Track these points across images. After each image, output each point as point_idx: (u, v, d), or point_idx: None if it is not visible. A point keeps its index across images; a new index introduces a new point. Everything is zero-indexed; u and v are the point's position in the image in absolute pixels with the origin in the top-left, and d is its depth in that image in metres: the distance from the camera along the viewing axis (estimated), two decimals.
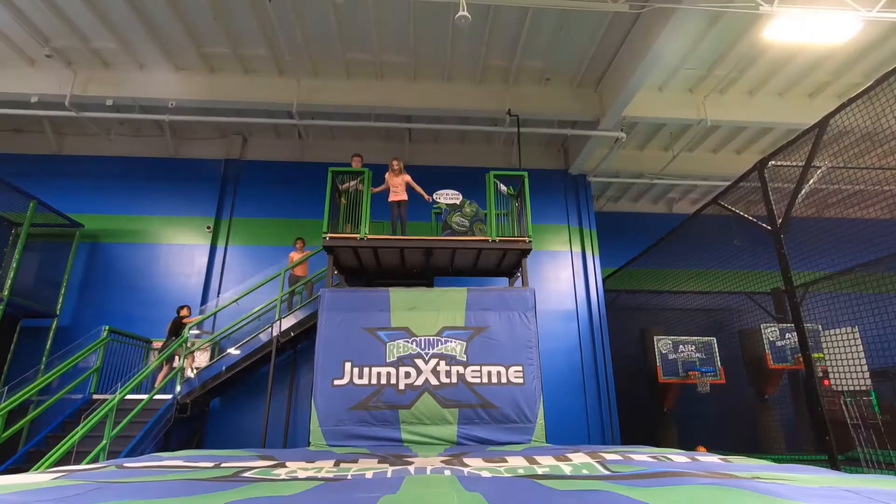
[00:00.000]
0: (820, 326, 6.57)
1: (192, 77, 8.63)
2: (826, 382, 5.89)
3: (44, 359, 8.00)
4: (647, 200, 12.72)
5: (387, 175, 7.18)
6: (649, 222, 12.10)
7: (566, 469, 2.76)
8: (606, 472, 2.56)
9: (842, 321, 5.55)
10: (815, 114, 5.19)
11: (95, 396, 7.06)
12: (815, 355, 5.28)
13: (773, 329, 8.47)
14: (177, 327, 7.75)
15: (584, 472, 2.61)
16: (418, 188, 7.12)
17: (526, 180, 6.75)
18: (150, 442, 6.54)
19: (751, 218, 5.87)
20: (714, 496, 1.71)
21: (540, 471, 2.67)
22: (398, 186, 7.11)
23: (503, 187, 6.98)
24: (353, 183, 6.83)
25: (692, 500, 1.66)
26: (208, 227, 9.48)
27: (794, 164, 5.43)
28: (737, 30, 7.61)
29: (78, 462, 5.38)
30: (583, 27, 7.67)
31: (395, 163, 7.20)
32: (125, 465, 3.03)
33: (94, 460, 5.37)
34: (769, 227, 5.42)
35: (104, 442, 5.62)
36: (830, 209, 6.43)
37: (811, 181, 5.15)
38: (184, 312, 7.93)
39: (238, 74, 8.69)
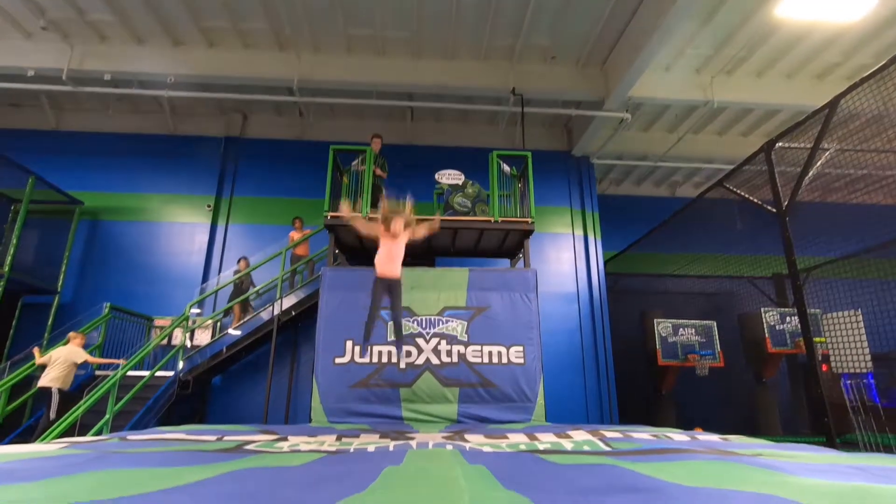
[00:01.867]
0: (820, 311, 6.59)
1: (190, 52, 8.47)
2: (824, 367, 5.92)
3: (46, 335, 8.02)
4: (650, 183, 12.62)
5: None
6: (652, 206, 12.03)
7: (567, 446, 2.77)
8: (608, 449, 2.56)
9: (843, 306, 5.55)
10: (824, 96, 5.10)
11: (98, 372, 7.11)
12: (816, 339, 5.29)
13: (773, 313, 8.48)
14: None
15: (586, 448, 2.61)
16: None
17: (529, 160, 6.68)
18: (153, 417, 6.60)
19: (756, 201, 5.82)
20: (717, 470, 1.70)
21: (541, 447, 2.68)
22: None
23: (506, 167, 6.91)
24: (355, 163, 6.76)
25: (695, 473, 1.65)
26: (209, 206, 9.42)
27: (801, 145, 5.36)
28: (748, 7, 7.43)
29: (81, 436, 5.43)
30: (590, 3, 7.49)
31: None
32: (128, 437, 3.04)
33: (98, 434, 5.42)
34: (774, 210, 5.36)
35: (107, 416, 5.67)
36: (835, 194, 6.39)
37: (819, 163, 5.08)
38: (241, 265, 8.25)
39: (238, 49, 8.52)
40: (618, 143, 10.15)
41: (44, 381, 5.75)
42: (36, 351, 5.99)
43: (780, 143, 5.55)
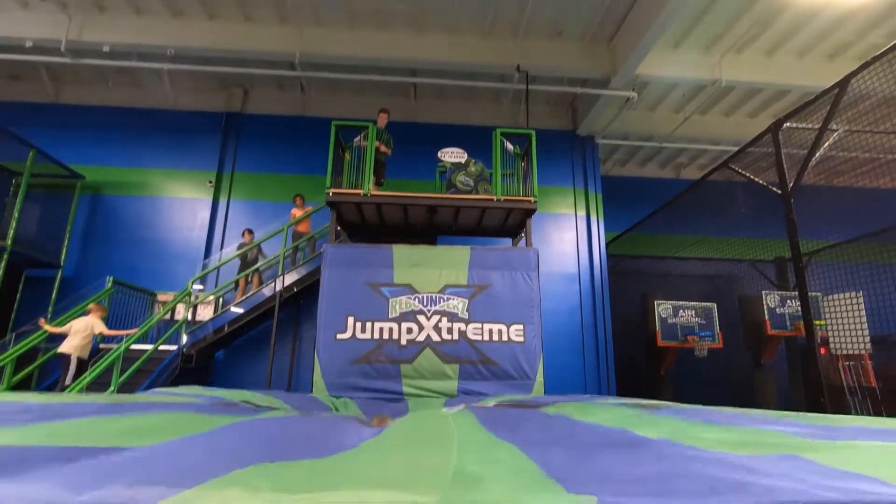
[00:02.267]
0: (820, 294, 6.60)
1: (190, 24, 8.32)
2: (822, 351, 5.95)
3: (50, 308, 8.10)
4: (654, 165, 12.51)
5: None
6: (656, 188, 11.95)
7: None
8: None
9: (844, 290, 5.55)
10: (835, 76, 5.00)
11: (101, 346, 7.18)
12: (816, 322, 5.31)
13: (773, 296, 8.50)
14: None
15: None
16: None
17: (533, 139, 6.61)
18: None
19: (761, 182, 5.77)
20: (716, 428, 1.72)
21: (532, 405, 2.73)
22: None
23: (510, 146, 6.84)
24: (357, 139, 6.69)
25: (689, 428, 1.67)
26: (210, 182, 9.39)
27: (810, 126, 5.28)
28: None
29: None
30: None
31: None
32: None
33: None
34: (779, 192, 5.32)
35: (111, 388, 5.76)
36: (841, 177, 6.32)
37: (827, 144, 5.01)
38: (246, 237, 8.32)
39: (238, 22, 8.37)
40: (623, 123, 10.02)
41: (64, 348, 6.02)
42: (42, 322, 6.17)
43: (788, 124, 5.48)
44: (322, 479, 0.95)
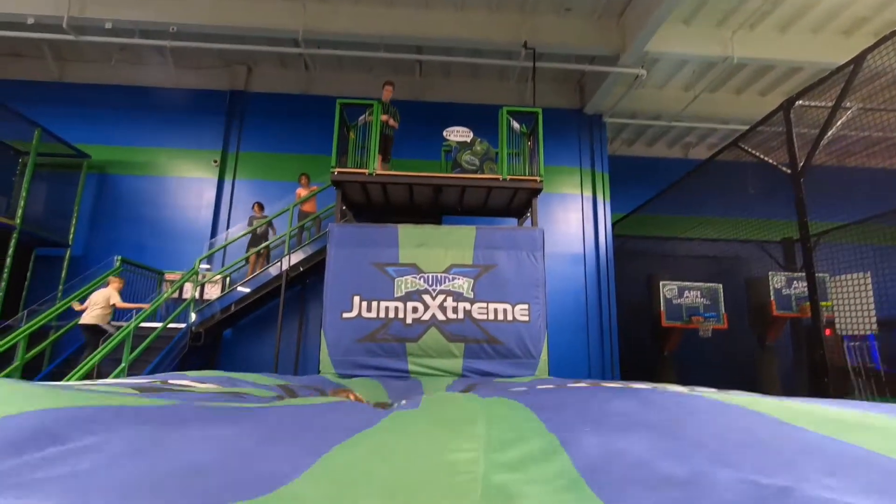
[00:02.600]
0: (827, 275, 6.58)
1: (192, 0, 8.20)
2: (828, 332, 5.96)
3: (60, 286, 8.19)
4: (662, 144, 12.35)
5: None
6: (663, 167, 11.81)
7: None
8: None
9: (852, 271, 5.52)
10: (849, 53, 4.88)
11: (112, 323, 7.28)
12: (822, 303, 5.30)
13: (780, 278, 8.48)
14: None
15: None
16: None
17: (540, 117, 6.53)
18: (167, 367, 6.81)
19: (771, 161, 5.69)
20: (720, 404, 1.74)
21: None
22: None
23: (516, 125, 6.77)
24: (362, 118, 6.64)
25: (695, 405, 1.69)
26: (215, 161, 9.37)
27: (822, 104, 5.18)
28: None
29: None
30: None
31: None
32: (168, 381, 3.13)
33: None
34: (789, 171, 5.25)
35: (122, 365, 5.86)
36: (853, 157, 6.23)
37: (840, 122, 4.92)
38: (256, 209, 8.39)
39: None
40: (631, 101, 9.86)
41: (84, 319, 6.41)
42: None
43: (801, 102, 5.37)
44: None
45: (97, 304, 6.47)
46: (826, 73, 5.10)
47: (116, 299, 6.62)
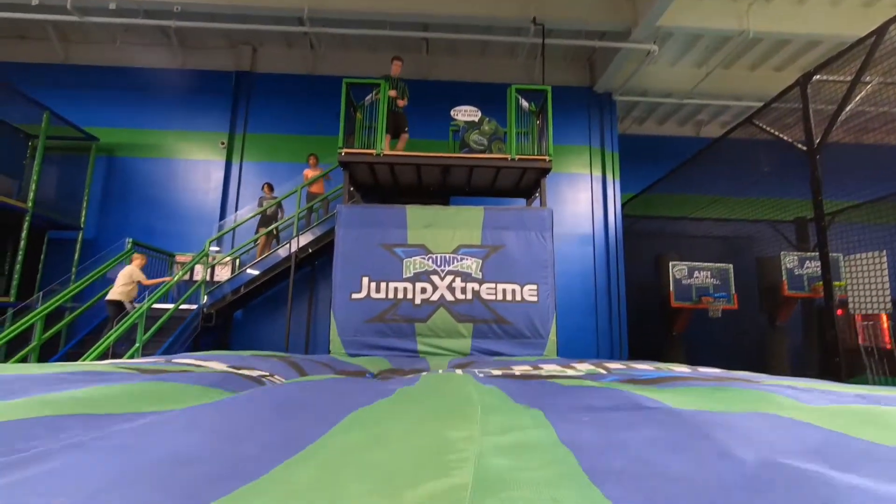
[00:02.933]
0: (841, 255, 6.48)
1: None
2: (839, 312, 5.89)
3: (73, 268, 8.31)
4: (673, 122, 12.13)
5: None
6: (674, 146, 11.62)
7: (570, 373, 2.85)
8: (611, 377, 2.62)
9: (865, 250, 5.43)
10: (869, 26, 4.71)
11: (135, 303, 7.38)
12: (835, 283, 5.23)
13: (792, 257, 8.39)
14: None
15: (589, 374, 2.69)
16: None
17: (549, 95, 6.42)
18: (180, 348, 6.93)
19: (786, 138, 5.57)
20: (720, 395, 1.73)
21: (546, 374, 2.76)
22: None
23: (525, 103, 6.66)
24: (369, 97, 6.57)
25: (699, 397, 1.68)
26: (222, 143, 9.36)
27: (841, 78, 5.03)
28: None
29: None
30: None
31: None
32: (173, 360, 3.19)
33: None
34: (805, 148, 5.13)
35: (137, 345, 5.96)
36: (871, 134, 6.07)
37: (859, 96, 4.78)
38: (266, 190, 8.41)
39: None
40: (643, 79, 9.67)
41: (110, 295, 6.63)
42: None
43: (819, 76, 5.22)
44: None
45: (120, 281, 6.69)
46: (845, 47, 4.95)
47: (140, 276, 6.80)
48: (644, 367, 3.17)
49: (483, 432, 0.94)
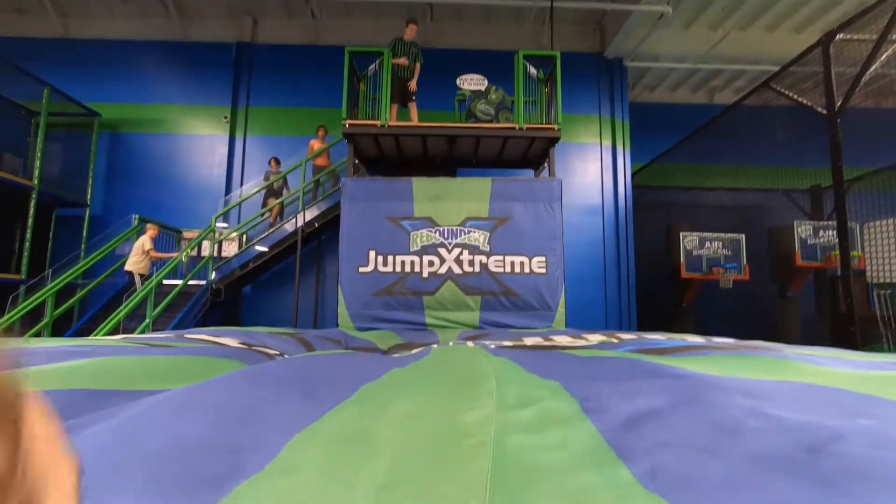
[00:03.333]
0: (857, 225, 6.33)
1: None
2: (856, 282, 5.79)
3: (82, 245, 8.34)
4: (686, 89, 11.77)
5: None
6: (686, 114, 11.29)
7: (582, 343, 2.81)
8: (625, 347, 2.58)
9: (885, 217, 5.29)
10: None
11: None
12: (852, 253, 5.12)
13: (806, 226, 8.24)
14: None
15: (602, 345, 2.64)
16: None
17: (558, 61, 6.20)
18: (190, 323, 6.99)
19: (805, 102, 5.36)
20: (744, 362, 1.67)
21: (559, 345, 2.72)
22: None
23: (533, 70, 6.46)
24: (372, 67, 6.38)
25: (721, 365, 1.63)
26: (225, 117, 9.24)
27: (866, 37, 4.79)
28: None
29: None
30: None
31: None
32: (185, 335, 3.18)
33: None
34: (825, 112, 4.94)
35: (147, 321, 6.01)
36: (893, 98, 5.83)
37: (884, 55, 4.56)
38: (272, 165, 8.33)
39: None
40: (655, 43, 9.32)
41: (127, 266, 6.84)
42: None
43: (842, 35, 4.98)
44: None
45: (136, 250, 6.82)
46: (870, 4, 4.70)
47: (150, 246, 6.87)
48: (657, 336, 3.12)
49: (499, 408, 0.88)
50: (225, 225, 8.55)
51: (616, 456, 0.72)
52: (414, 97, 6.63)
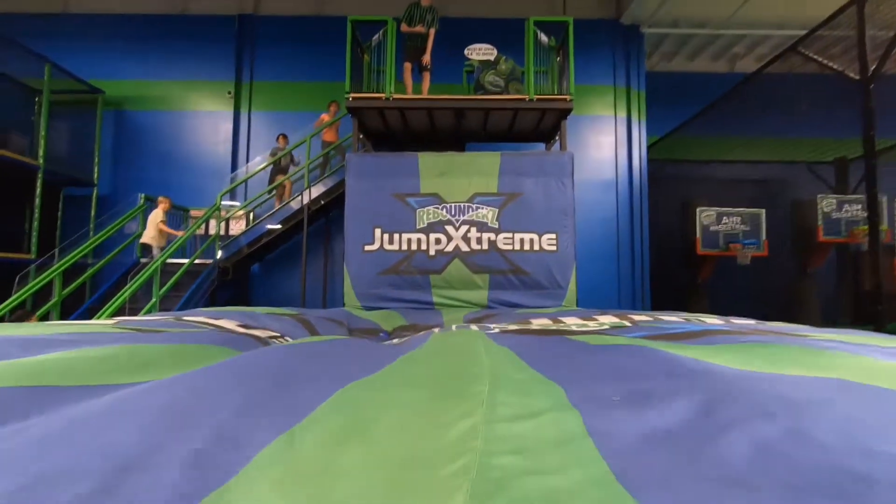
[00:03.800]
0: (885, 198, 6.03)
1: None
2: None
3: (91, 224, 8.33)
4: (706, 57, 11.23)
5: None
6: (706, 83, 10.77)
7: (593, 326, 2.66)
8: (637, 330, 2.43)
9: None
10: None
11: (142, 260, 7.43)
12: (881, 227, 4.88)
13: (829, 200, 7.94)
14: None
15: (613, 329, 2.50)
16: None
17: (570, 27, 5.89)
18: (198, 302, 6.99)
19: (835, 66, 5.03)
20: (769, 352, 1.52)
21: (567, 328, 2.58)
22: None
23: (544, 38, 6.15)
24: (376, 37, 6.13)
25: (745, 355, 1.47)
26: (229, 93, 9.06)
27: None
28: None
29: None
30: None
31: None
32: (183, 317, 3.11)
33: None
34: (858, 77, 4.62)
35: (153, 300, 6.00)
36: None
37: None
38: (280, 142, 8.22)
39: None
40: (674, 7, 8.85)
41: (144, 239, 7.11)
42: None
43: None
44: None
45: (151, 224, 7.00)
46: None
47: (161, 218, 6.99)
48: (672, 318, 2.95)
49: (489, 418, 0.75)
50: (234, 203, 8.46)
51: (623, 489, 0.59)
52: (429, 67, 6.33)
